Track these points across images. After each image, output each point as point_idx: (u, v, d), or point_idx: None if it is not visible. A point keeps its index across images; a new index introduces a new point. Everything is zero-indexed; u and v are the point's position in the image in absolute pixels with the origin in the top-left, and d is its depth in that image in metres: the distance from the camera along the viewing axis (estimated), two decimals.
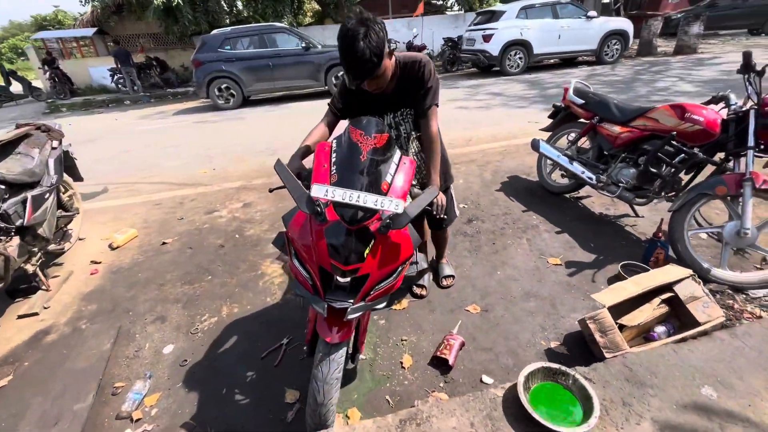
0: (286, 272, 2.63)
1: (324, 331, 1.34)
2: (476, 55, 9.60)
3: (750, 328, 1.63)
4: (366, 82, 1.49)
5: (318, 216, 1.20)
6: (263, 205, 3.64)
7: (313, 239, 1.26)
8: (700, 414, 1.31)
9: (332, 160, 1.34)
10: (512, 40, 9.09)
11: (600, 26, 9.48)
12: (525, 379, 1.41)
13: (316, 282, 1.27)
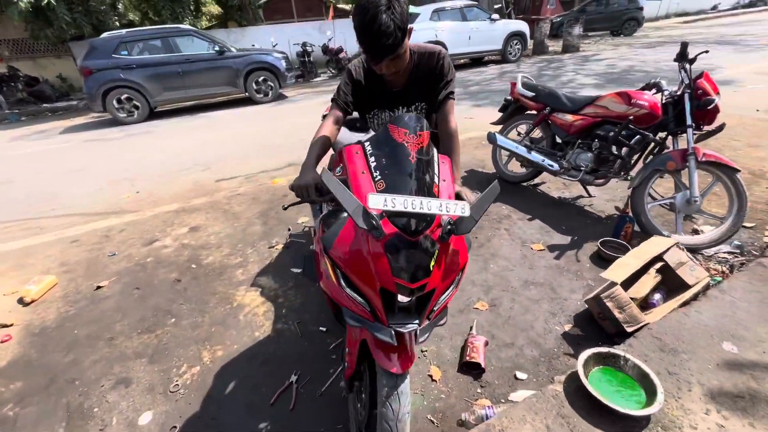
0: (268, 298, 2.32)
1: (385, 361, 1.16)
2: None
3: (732, 283, 1.85)
4: (385, 64, 1.33)
5: (375, 231, 1.03)
6: (215, 227, 3.20)
7: (370, 258, 1.08)
8: (732, 369, 1.42)
9: (371, 165, 1.17)
10: (429, 41, 9.46)
11: (503, 28, 10.36)
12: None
13: (378, 307, 1.09)
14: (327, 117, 1.55)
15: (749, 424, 1.24)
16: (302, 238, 2.93)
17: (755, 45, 9.47)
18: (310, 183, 1.30)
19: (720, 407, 1.30)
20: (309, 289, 2.38)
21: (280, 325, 2.13)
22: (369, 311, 1.11)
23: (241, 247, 2.89)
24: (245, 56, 7.91)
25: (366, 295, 1.11)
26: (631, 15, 15.22)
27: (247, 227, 3.16)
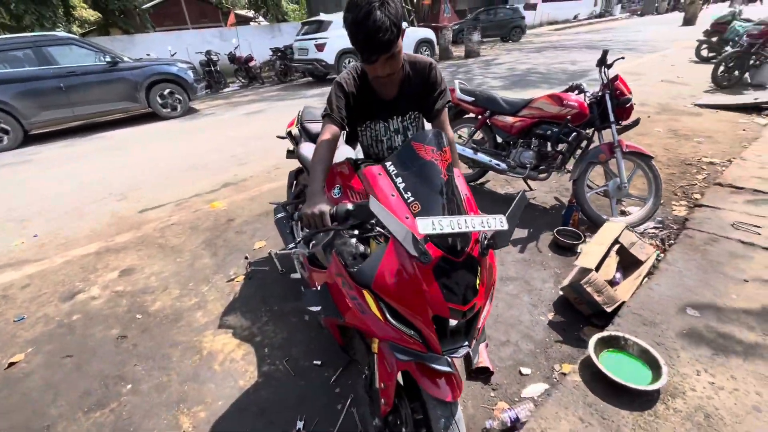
0: (244, 339, 2.07)
1: (436, 390, 1.10)
2: (312, 65, 9.62)
3: (674, 256, 2.16)
4: (380, 64, 1.28)
5: (424, 256, 0.98)
6: (154, 266, 2.77)
7: (421, 285, 1.01)
8: (700, 332, 1.65)
9: (399, 186, 1.10)
10: (345, 49, 9.47)
11: (412, 35, 10.85)
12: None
13: (431, 336, 1.03)
14: (322, 134, 1.43)
15: (731, 377, 1.46)
16: (263, 266, 2.68)
17: (617, 48, 11.32)
18: (325, 210, 1.18)
19: (705, 366, 1.50)
20: (289, 320, 2.19)
21: (267, 367, 1.91)
22: (420, 342, 1.04)
23: (193, 285, 2.54)
24: (144, 67, 7.04)
25: (415, 326, 1.04)
26: (516, 23, 17.13)
27: (194, 261, 2.80)
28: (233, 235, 3.10)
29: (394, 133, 1.56)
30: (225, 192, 3.92)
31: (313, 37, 9.45)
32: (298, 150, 2.08)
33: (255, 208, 3.48)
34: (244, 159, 4.79)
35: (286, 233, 2.24)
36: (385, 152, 1.60)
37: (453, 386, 1.10)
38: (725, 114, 5.20)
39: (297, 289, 2.42)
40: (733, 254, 2.14)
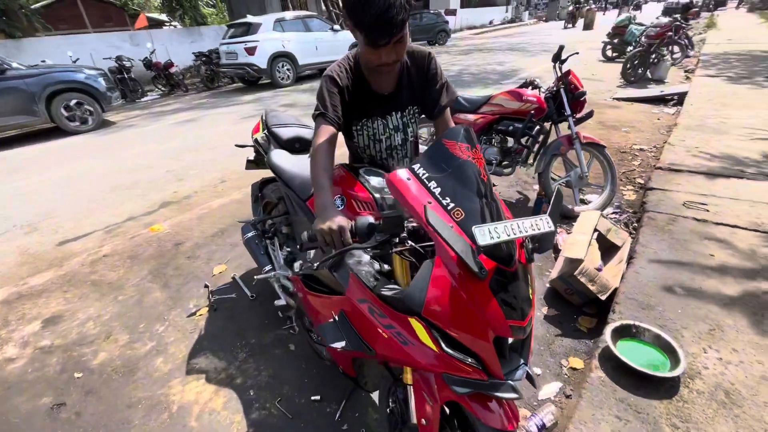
0: (221, 383, 1.77)
1: (492, 419, 0.97)
2: (243, 69, 9.03)
3: (645, 239, 2.27)
4: (388, 49, 1.13)
5: (482, 270, 0.85)
6: (89, 309, 2.29)
7: (478, 305, 0.88)
8: (693, 309, 1.73)
9: (434, 191, 0.95)
10: (277, 52, 9.04)
11: (345, 39, 10.69)
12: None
13: (492, 360, 0.90)
14: (318, 137, 1.23)
15: (733, 350, 1.53)
16: (228, 293, 2.35)
17: (534, 51, 12.25)
18: (344, 225, 0.99)
19: (709, 343, 1.56)
20: (272, 353, 1.92)
21: (256, 413, 1.64)
22: (480, 368, 0.90)
23: (145, 326, 2.14)
24: (42, 75, 6.03)
25: (473, 351, 0.90)
26: (441, 27, 17.84)
27: (141, 297, 2.37)
28: (185, 261, 2.70)
29: (394, 131, 1.41)
30: (165, 212, 3.43)
31: (242, 41, 8.87)
32: (269, 158, 1.82)
33: (206, 229, 3.08)
34: (182, 174, 4.27)
35: (260, 254, 1.97)
36: (384, 152, 1.44)
37: (508, 414, 0.98)
38: (640, 106, 5.81)
39: (276, 316, 2.15)
40: (693, 231, 2.31)
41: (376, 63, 1.17)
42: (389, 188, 0.99)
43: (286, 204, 1.81)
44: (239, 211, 3.31)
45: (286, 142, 1.89)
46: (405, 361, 0.98)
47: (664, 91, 6.08)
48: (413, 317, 0.90)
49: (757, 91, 5.37)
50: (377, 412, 1.62)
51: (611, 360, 1.51)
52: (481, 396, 0.97)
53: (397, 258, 1.06)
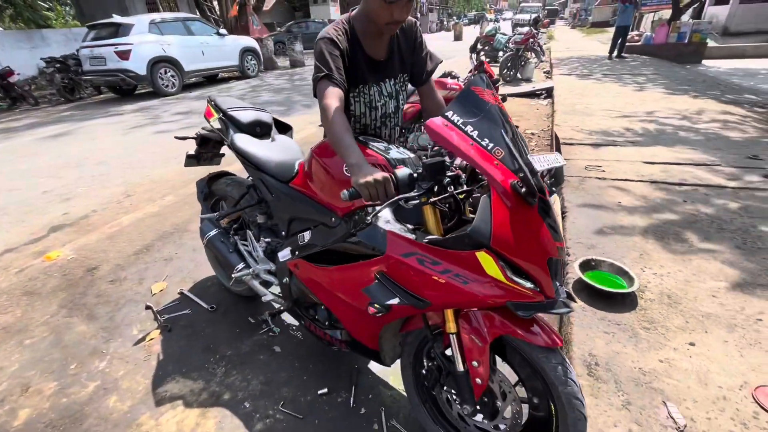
0: (206, 404, 1.53)
1: (542, 341, 1.05)
2: (115, 76, 7.80)
3: (568, 196, 2.66)
4: (401, 5, 1.14)
5: (532, 197, 0.93)
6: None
7: (532, 230, 0.95)
8: (621, 241, 2.11)
9: (472, 134, 1.00)
10: (158, 57, 8.05)
11: (234, 43, 10.08)
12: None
13: (547, 282, 0.97)
14: (327, 97, 1.17)
15: (660, 266, 1.90)
16: (180, 310, 2.03)
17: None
18: (388, 177, 0.98)
19: (642, 266, 1.92)
20: (256, 359, 1.73)
21: (261, 424, 1.46)
22: (538, 291, 0.98)
23: (78, 366, 1.71)
24: None
25: (531, 275, 0.97)
26: None
27: (60, 335, 1.89)
28: (108, 286, 2.24)
29: (388, 98, 1.41)
30: (59, 237, 2.78)
31: (112, 44, 7.67)
32: (233, 143, 1.64)
33: (125, 248, 2.60)
34: (67, 193, 3.52)
35: (228, 253, 1.76)
36: (378, 120, 1.43)
37: (551, 335, 1.08)
38: (520, 100, 6.77)
39: (248, 323, 1.94)
40: (599, 187, 2.81)
41: (386, 20, 1.17)
42: (430, 136, 1.00)
43: (259, 191, 1.65)
44: (160, 224, 2.88)
45: (248, 126, 1.73)
46: (467, 300, 1.00)
47: (536, 87, 7.19)
48: (480, 251, 0.93)
49: (601, 85, 6.73)
50: (390, 388, 1.59)
51: (583, 290, 1.75)
52: (524, 324, 1.05)
53: (429, 210, 1.07)
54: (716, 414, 1.21)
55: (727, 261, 1.93)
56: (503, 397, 1.15)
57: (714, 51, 10.26)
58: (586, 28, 23.31)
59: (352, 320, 1.33)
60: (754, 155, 3.23)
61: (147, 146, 4.87)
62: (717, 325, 1.55)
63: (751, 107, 4.91)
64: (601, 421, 1.22)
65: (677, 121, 4.38)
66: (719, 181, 2.81)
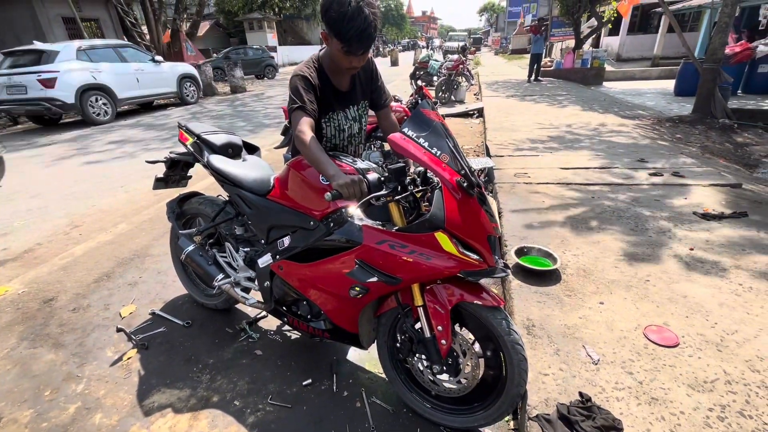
0: (193, 407, 1.62)
1: (489, 302, 1.34)
2: (39, 105, 7.27)
3: (503, 198, 3.10)
4: (360, 57, 1.42)
5: (472, 189, 1.25)
6: None
7: (474, 214, 1.25)
8: (547, 232, 2.54)
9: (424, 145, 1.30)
10: (87, 85, 7.65)
11: (171, 70, 9.86)
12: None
13: (489, 254, 1.28)
14: (301, 125, 1.41)
15: (577, 248, 2.34)
16: (155, 328, 2.08)
17: None
18: (362, 178, 1.24)
19: (563, 249, 2.34)
20: (239, 363, 1.85)
21: (253, 417, 1.59)
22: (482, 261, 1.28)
23: (52, 393, 1.71)
24: None
25: (476, 249, 1.27)
26: (268, 62, 18.21)
27: (26, 366, 1.85)
28: (70, 315, 2.20)
29: (353, 121, 1.68)
30: (3, 273, 2.63)
31: (34, 71, 7.18)
32: (209, 163, 1.80)
33: (83, 277, 2.54)
34: (2, 229, 3.30)
35: (207, 266, 1.89)
36: (345, 140, 1.69)
37: (496, 297, 1.38)
38: (456, 119, 7.44)
39: (226, 333, 2.04)
40: (527, 190, 3.29)
41: (347, 66, 1.45)
42: (393, 147, 1.28)
43: (237, 206, 1.81)
44: (117, 251, 2.85)
45: (221, 148, 1.90)
46: (430, 273, 1.27)
47: (468, 108, 7.94)
48: (438, 232, 1.21)
49: (523, 103, 7.63)
50: (366, 372, 1.80)
51: (519, 272, 2.12)
52: (474, 291, 1.34)
53: (394, 206, 1.35)
54: (619, 349, 1.59)
55: (624, 240, 2.43)
56: (463, 355, 1.43)
57: (611, 74, 12.02)
58: (507, 55, 25.86)
59: (333, 307, 1.53)
60: (642, 159, 3.97)
61: (88, 176, 4.66)
62: (618, 287, 1.98)
63: (641, 120, 5.93)
64: (539, 366, 1.54)
65: (586, 131, 5.17)
66: (617, 180, 3.43)
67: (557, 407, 1.34)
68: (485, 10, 66.69)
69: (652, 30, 15.62)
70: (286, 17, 29.95)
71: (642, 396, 1.38)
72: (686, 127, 5.54)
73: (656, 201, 2.97)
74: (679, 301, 1.86)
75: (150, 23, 15.25)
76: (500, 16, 49.93)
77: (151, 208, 3.60)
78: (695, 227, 2.55)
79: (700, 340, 1.62)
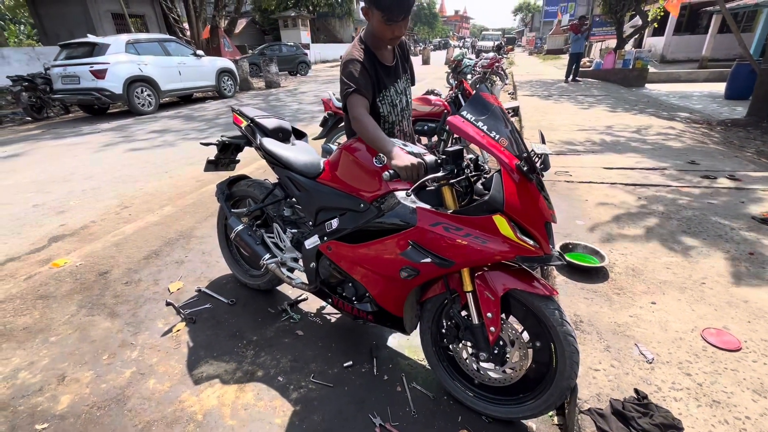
0: (239, 380, 1.67)
1: (542, 291, 1.32)
2: (90, 95, 7.70)
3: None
4: (401, 25, 1.46)
5: (532, 174, 1.22)
6: (15, 359, 1.79)
7: (533, 199, 1.23)
8: (591, 229, 2.46)
9: (483, 128, 1.28)
10: (134, 76, 8.05)
11: (211, 64, 10.21)
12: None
13: (545, 241, 1.25)
14: (357, 107, 1.46)
15: (624, 247, 2.26)
16: (200, 305, 2.16)
17: None
18: (421, 161, 1.25)
19: (610, 248, 2.27)
20: (281, 341, 1.90)
21: (296, 393, 1.62)
22: (538, 248, 1.25)
23: (110, 357, 1.81)
24: None
25: (534, 236, 1.24)
26: (301, 59, 18.53)
27: (85, 332, 1.97)
28: (123, 287, 2.32)
29: (402, 95, 1.70)
30: (63, 246, 2.81)
31: (86, 62, 7.61)
32: (262, 145, 1.86)
33: (133, 254, 2.68)
34: (60, 206, 3.52)
35: (256, 245, 1.94)
36: (399, 115, 1.71)
37: (548, 286, 1.35)
38: None
39: (268, 313, 2.10)
40: (568, 188, 3.20)
41: (389, 36, 1.48)
42: (452, 130, 1.28)
43: (286, 188, 1.86)
44: (164, 232, 2.98)
45: (272, 132, 1.95)
46: (484, 257, 1.25)
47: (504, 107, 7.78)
48: (495, 215, 1.20)
49: (559, 104, 7.42)
50: (406, 359, 1.80)
51: (564, 268, 2.06)
52: (527, 279, 1.32)
53: (448, 190, 1.34)
54: (675, 349, 1.52)
55: (676, 242, 2.32)
56: (512, 344, 1.40)
57: (654, 76, 11.49)
58: (542, 55, 25.21)
59: (381, 289, 1.54)
60: (692, 161, 3.77)
61: (133, 162, 4.90)
62: (672, 288, 1.89)
63: (688, 123, 5.64)
64: (589, 361, 1.49)
65: (628, 133, 4.97)
66: (666, 181, 3.28)
67: (611, 402, 1.29)
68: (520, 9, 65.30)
69: (700, 30, 14.83)
70: (320, 15, 30.40)
71: (702, 398, 1.31)
72: (740, 131, 5.22)
73: (710, 204, 2.82)
74: (740, 306, 1.76)
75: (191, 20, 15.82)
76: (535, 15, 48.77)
77: (194, 193, 3.74)
78: (754, 231, 2.40)
79: (765, 346, 1.52)
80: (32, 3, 14.55)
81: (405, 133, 1.79)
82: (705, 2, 13.34)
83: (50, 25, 14.76)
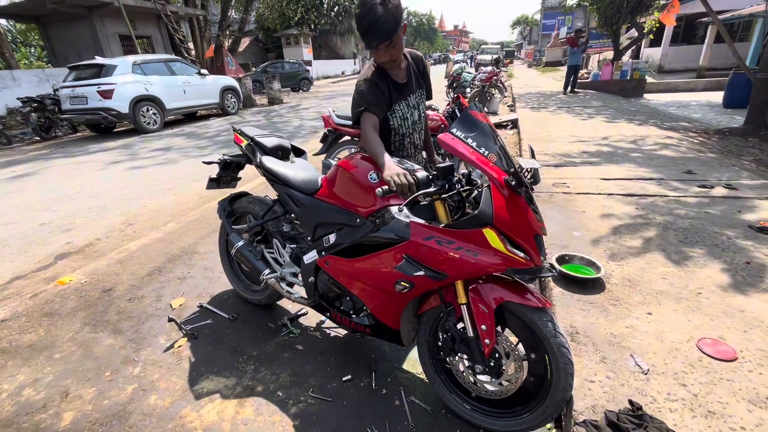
0: (238, 394, 1.69)
1: (534, 303, 1.34)
2: (97, 115, 7.89)
3: (541, 207, 3.06)
4: (381, 51, 1.52)
5: (520, 188, 1.26)
6: (20, 376, 1.82)
7: (522, 212, 1.27)
8: (588, 241, 2.48)
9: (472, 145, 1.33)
10: (140, 96, 8.25)
11: (214, 82, 10.44)
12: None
13: (535, 253, 1.28)
14: (365, 124, 1.53)
15: (621, 259, 2.27)
16: (202, 321, 2.19)
17: None
18: (412, 171, 1.30)
19: (606, 259, 2.28)
20: (281, 356, 1.91)
21: (295, 408, 1.64)
22: (528, 260, 1.28)
23: (113, 373, 1.83)
24: None
25: (524, 248, 1.27)
26: (303, 76, 18.88)
27: (89, 348, 2.00)
28: (126, 304, 2.36)
29: (414, 108, 1.76)
30: (68, 263, 2.87)
31: (94, 83, 7.82)
32: (262, 164, 1.91)
33: (137, 270, 2.73)
34: (66, 224, 3.59)
35: (256, 260, 1.98)
36: (410, 128, 1.76)
37: (541, 298, 1.37)
38: None
39: (268, 328, 2.12)
40: (566, 200, 3.23)
41: (381, 60, 1.56)
42: (442, 146, 1.33)
43: (285, 204, 1.91)
44: (168, 248, 3.03)
45: (271, 150, 2.01)
46: (476, 270, 1.28)
47: (502, 119, 7.89)
48: (485, 228, 1.23)
49: (558, 116, 7.49)
50: (405, 372, 1.82)
51: (561, 279, 2.08)
52: (520, 291, 1.35)
53: (440, 204, 1.38)
54: (670, 360, 1.53)
55: (673, 252, 2.33)
56: (507, 356, 1.42)
57: (652, 86, 11.60)
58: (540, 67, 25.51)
59: (377, 303, 1.57)
60: (689, 170, 3.80)
61: (138, 179, 5.00)
62: (668, 298, 1.91)
63: (686, 132, 5.68)
64: (585, 373, 1.50)
65: (626, 144, 5.02)
66: (663, 191, 3.31)
67: (606, 414, 1.30)
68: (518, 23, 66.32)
69: (697, 41, 15.02)
70: (321, 32, 31.04)
71: (697, 409, 1.32)
72: (737, 140, 5.25)
73: (707, 213, 2.83)
74: (735, 315, 1.76)
75: (196, 39, 16.29)
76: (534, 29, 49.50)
77: (197, 210, 3.80)
78: (751, 240, 2.41)
79: (761, 356, 1.53)
80: (43, 26, 14.99)
81: (416, 146, 1.85)
82: (701, 13, 13.52)
83: (60, 47, 15.18)
